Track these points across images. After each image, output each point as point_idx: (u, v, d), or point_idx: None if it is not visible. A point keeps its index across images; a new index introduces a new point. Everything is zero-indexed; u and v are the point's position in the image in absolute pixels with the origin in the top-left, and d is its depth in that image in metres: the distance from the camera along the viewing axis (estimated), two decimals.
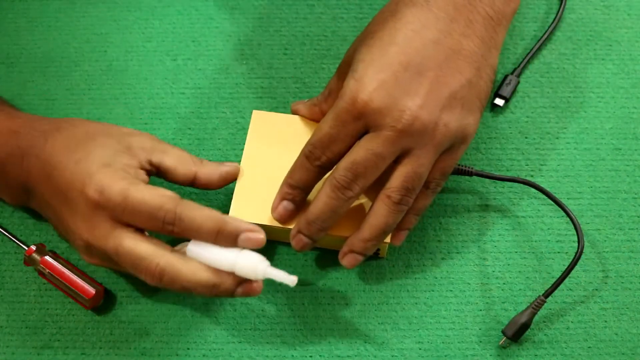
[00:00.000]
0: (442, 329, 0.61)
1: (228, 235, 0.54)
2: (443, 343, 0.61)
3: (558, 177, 0.67)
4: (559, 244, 0.64)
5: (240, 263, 0.54)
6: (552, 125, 0.69)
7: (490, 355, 0.61)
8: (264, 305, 0.62)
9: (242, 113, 0.69)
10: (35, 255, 0.61)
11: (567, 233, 0.65)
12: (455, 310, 0.62)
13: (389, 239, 0.60)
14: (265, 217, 0.61)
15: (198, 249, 0.55)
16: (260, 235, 0.54)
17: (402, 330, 0.61)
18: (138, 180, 0.55)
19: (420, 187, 0.57)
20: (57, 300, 0.62)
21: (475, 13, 0.58)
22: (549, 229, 0.65)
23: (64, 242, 0.64)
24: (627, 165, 0.67)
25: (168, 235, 0.55)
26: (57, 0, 0.74)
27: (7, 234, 0.64)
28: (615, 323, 0.62)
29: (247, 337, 0.61)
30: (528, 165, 0.67)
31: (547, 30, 0.72)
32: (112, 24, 0.73)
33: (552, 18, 0.73)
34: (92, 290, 0.61)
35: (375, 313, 0.62)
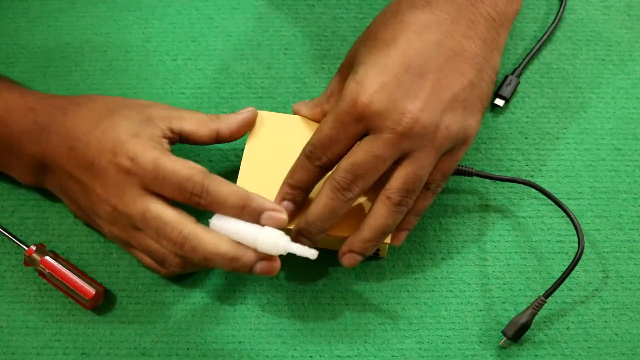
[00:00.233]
0: (442, 329, 0.61)
1: (252, 212, 0.55)
2: (443, 343, 0.61)
3: (558, 177, 0.67)
4: (559, 244, 0.64)
5: (262, 237, 0.55)
6: (552, 126, 0.69)
7: (490, 356, 0.61)
8: (264, 305, 0.62)
9: None
10: (35, 255, 0.61)
11: (567, 233, 0.65)
12: (455, 310, 0.62)
13: (389, 240, 0.60)
14: None
15: (221, 222, 0.56)
16: (283, 216, 0.55)
17: (402, 330, 0.61)
18: (168, 152, 0.57)
19: (420, 188, 0.57)
20: (57, 300, 0.62)
21: (477, 14, 0.58)
22: (549, 229, 0.65)
23: (64, 242, 0.64)
24: (627, 166, 0.67)
25: (195, 207, 0.56)
26: (57, 0, 0.74)
27: (7, 234, 0.64)
28: (615, 323, 0.62)
29: (247, 337, 0.61)
30: (528, 165, 0.67)
31: (547, 31, 0.72)
32: (112, 24, 0.73)
33: (552, 18, 0.74)
34: (92, 290, 0.61)
35: (375, 313, 0.62)
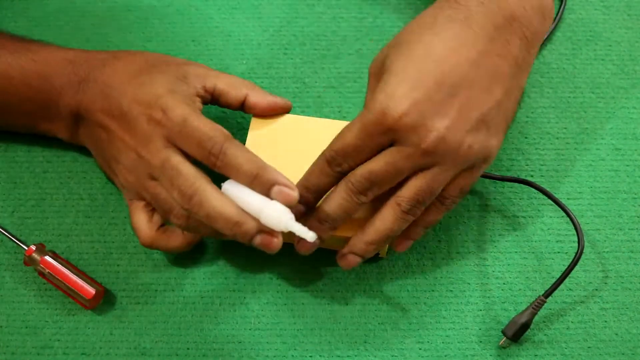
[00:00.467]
0: (442, 329, 0.61)
1: (264, 182, 0.55)
2: (443, 343, 0.61)
3: (558, 177, 0.67)
4: (559, 244, 0.64)
5: (268, 210, 0.55)
6: (552, 126, 0.69)
7: (490, 355, 0.61)
8: (264, 305, 0.62)
9: (242, 113, 0.69)
10: (35, 255, 0.61)
11: (567, 233, 0.65)
12: (455, 310, 0.62)
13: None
14: None
15: (233, 188, 0.56)
16: (294, 193, 0.55)
17: (402, 330, 0.61)
18: (198, 110, 0.58)
19: (431, 201, 0.57)
20: (57, 300, 0.62)
21: (513, 34, 0.57)
22: (549, 229, 0.65)
23: (64, 242, 0.64)
24: (627, 166, 0.67)
25: (211, 169, 0.57)
26: (57, 0, 0.74)
27: (7, 234, 0.64)
28: (615, 323, 0.62)
29: (247, 337, 0.61)
30: (528, 165, 0.67)
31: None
32: (112, 24, 0.73)
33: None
34: (92, 290, 0.61)
35: (375, 313, 0.62)
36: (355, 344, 0.61)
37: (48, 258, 0.61)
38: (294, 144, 0.61)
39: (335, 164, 0.57)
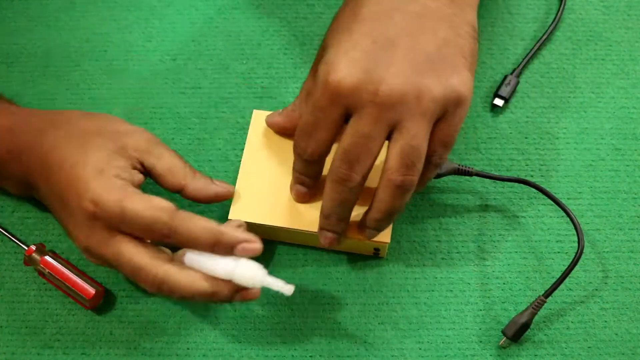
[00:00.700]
0: (442, 329, 0.61)
1: (225, 246, 0.54)
2: (443, 343, 0.61)
3: (558, 177, 0.67)
4: (559, 244, 0.64)
5: (239, 272, 0.54)
6: (552, 125, 0.69)
7: (490, 355, 0.61)
8: (264, 305, 0.62)
9: (242, 113, 0.69)
10: (35, 255, 0.61)
11: (567, 233, 0.65)
12: (455, 310, 0.62)
13: (389, 239, 0.60)
14: (265, 216, 0.61)
15: (196, 258, 0.55)
16: (257, 245, 0.54)
17: (402, 330, 0.61)
18: (133, 190, 0.55)
19: (422, 160, 0.54)
20: (57, 300, 0.62)
21: None
22: (549, 229, 0.65)
23: (64, 242, 0.64)
24: (627, 165, 0.67)
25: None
26: (57, 0, 0.74)
27: (7, 234, 0.64)
28: (615, 323, 0.62)
29: (247, 337, 0.61)
30: (528, 165, 0.67)
31: (547, 31, 0.72)
32: (112, 24, 0.73)
33: (552, 18, 0.74)
34: (92, 290, 0.61)
35: (375, 313, 0.62)
36: (355, 344, 0.61)
37: (48, 258, 0.61)
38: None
39: (300, 150, 0.56)
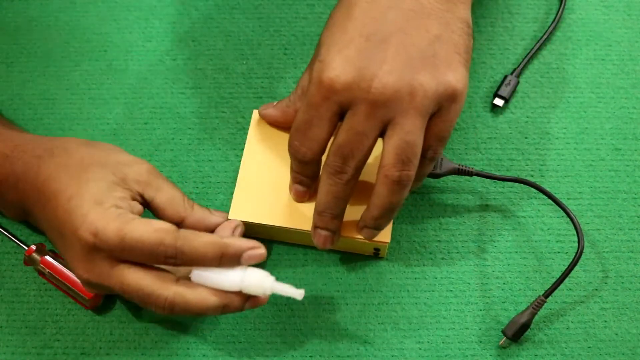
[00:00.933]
0: (442, 329, 0.61)
1: (231, 258, 0.54)
2: (443, 343, 0.61)
3: (558, 177, 0.67)
4: (559, 244, 0.64)
5: (247, 282, 0.54)
6: (552, 125, 0.69)
7: (490, 355, 0.61)
8: (264, 305, 0.62)
9: (242, 113, 0.69)
10: (35, 255, 0.61)
11: (567, 233, 0.65)
12: (455, 310, 0.62)
13: (389, 238, 0.60)
14: (265, 216, 0.61)
15: (203, 275, 0.55)
16: (262, 251, 0.54)
17: (402, 330, 0.61)
18: (132, 216, 0.54)
19: (417, 156, 0.54)
20: (57, 300, 0.62)
21: None
22: (549, 229, 0.65)
23: None
24: (627, 166, 0.67)
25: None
26: (57, 0, 0.74)
27: (7, 234, 0.64)
28: (615, 323, 0.62)
29: (247, 337, 0.61)
30: (528, 165, 0.67)
31: (547, 31, 0.72)
32: (112, 24, 0.73)
33: (552, 18, 0.74)
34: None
35: (375, 313, 0.62)
36: (355, 344, 0.61)
37: (48, 258, 0.61)
38: None
39: (295, 149, 0.57)
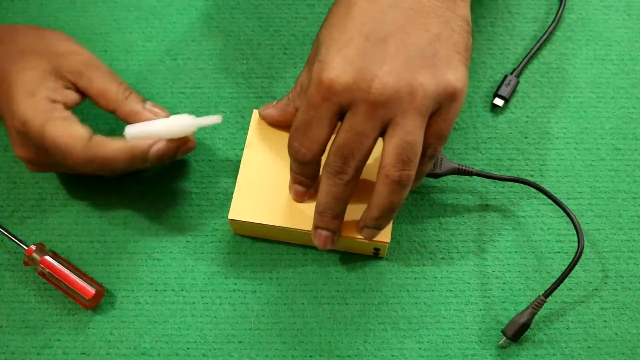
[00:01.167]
0: (442, 329, 0.61)
1: (141, 157, 0.60)
2: (443, 343, 0.61)
3: (558, 177, 0.67)
4: (559, 244, 0.64)
5: (173, 122, 0.61)
6: (552, 125, 0.69)
7: (490, 355, 0.61)
8: (264, 305, 0.62)
9: (242, 113, 0.69)
10: (35, 255, 0.61)
11: (567, 233, 0.65)
12: (455, 310, 0.62)
13: (389, 238, 0.61)
14: (265, 216, 0.61)
15: (132, 130, 0.60)
16: (161, 144, 0.60)
17: (402, 330, 0.61)
18: (58, 113, 0.59)
19: (418, 155, 0.54)
20: (57, 300, 0.62)
21: None
22: (549, 229, 0.65)
23: (64, 242, 0.64)
24: (627, 165, 0.67)
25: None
26: (57, 0, 0.74)
27: (7, 234, 0.64)
28: (615, 323, 0.62)
29: (247, 337, 0.61)
30: (528, 165, 0.67)
31: (547, 31, 0.72)
32: (112, 24, 0.73)
33: (552, 18, 0.74)
34: (92, 290, 0.61)
35: (375, 313, 0.62)
36: (355, 344, 0.61)
37: (48, 258, 0.61)
38: None
39: (295, 150, 0.57)
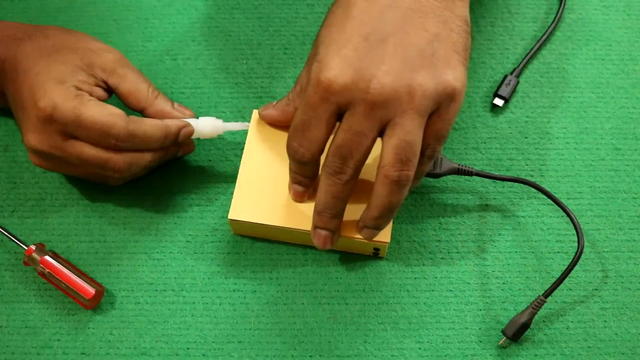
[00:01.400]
0: (442, 329, 0.61)
1: (173, 136, 0.61)
2: (443, 343, 0.61)
3: (558, 177, 0.67)
4: (559, 244, 0.64)
5: (202, 126, 0.63)
6: (552, 125, 0.69)
7: (490, 355, 0.61)
8: (264, 305, 0.62)
9: (242, 113, 0.69)
10: (35, 255, 0.61)
11: (567, 233, 0.65)
12: (455, 310, 0.62)
13: (389, 238, 0.61)
14: (265, 216, 0.61)
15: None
16: (191, 128, 0.62)
17: (402, 330, 0.61)
18: (89, 98, 0.59)
19: (417, 155, 0.54)
20: (57, 300, 0.62)
21: None
22: (549, 229, 0.65)
23: (64, 242, 0.64)
24: (627, 165, 0.67)
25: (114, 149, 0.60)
26: (57, 0, 0.74)
27: (7, 234, 0.64)
28: (615, 323, 0.62)
29: (247, 337, 0.61)
30: (528, 165, 0.67)
31: (547, 30, 0.72)
32: (112, 24, 0.73)
33: (552, 18, 0.74)
34: (92, 290, 0.61)
35: (375, 313, 0.62)
36: (355, 344, 0.61)
37: (48, 258, 0.61)
38: None
39: (293, 150, 0.57)
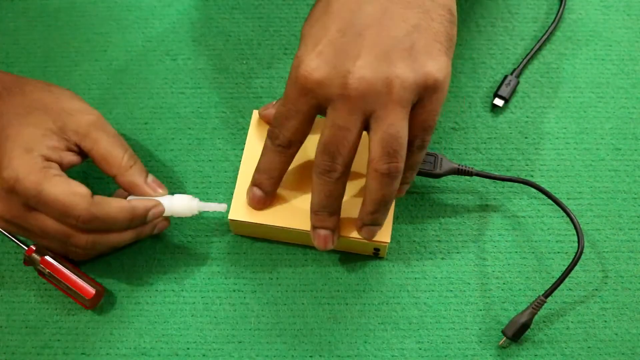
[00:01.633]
0: (442, 329, 0.61)
1: (140, 217, 0.59)
2: (443, 343, 0.61)
3: (558, 177, 0.67)
4: (559, 244, 0.64)
5: (175, 203, 0.60)
6: (552, 125, 0.69)
7: (490, 355, 0.61)
8: (264, 305, 0.62)
9: (242, 113, 0.69)
10: (35, 255, 0.61)
11: (567, 233, 0.65)
12: (455, 310, 0.62)
13: (389, 238, 0.60)
14: (265, 216, 0.61)
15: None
16: (161, 208, 0.60)
17: (402, 330, 0.61)
18: (55, 172, 0.57)
19: (404, 146, 0.54)
20: (57, 300, 0.62)
21: None
22: (549, 229, 0.65)
23: None
24: (627, 165, 0.67)
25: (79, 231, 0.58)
26: (57, 0, 0.74)
27: (7, 234, 0.64)
28: (615, 323, 0.62)
29: (247, 337, 0.61)
30: (528, 165, 0.67)
31: (547, 31, 0.72)
32: (112, 24, 0.73)
33: (552, 18, 0.74)
34: (92, 290, 0.61)
35: (375, 313, 0.62)
36: (355, 344, 0.61)
37: (48, 258, 0.61)
38: None
39: (274, 137, 0.57)
